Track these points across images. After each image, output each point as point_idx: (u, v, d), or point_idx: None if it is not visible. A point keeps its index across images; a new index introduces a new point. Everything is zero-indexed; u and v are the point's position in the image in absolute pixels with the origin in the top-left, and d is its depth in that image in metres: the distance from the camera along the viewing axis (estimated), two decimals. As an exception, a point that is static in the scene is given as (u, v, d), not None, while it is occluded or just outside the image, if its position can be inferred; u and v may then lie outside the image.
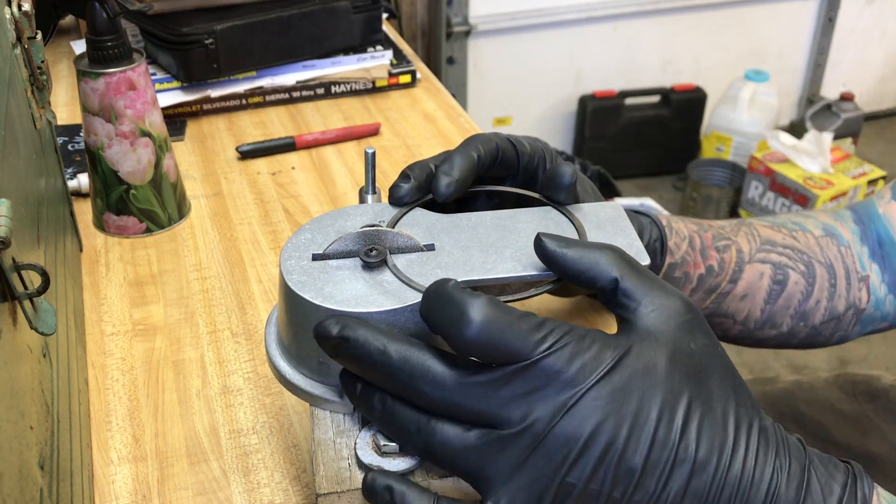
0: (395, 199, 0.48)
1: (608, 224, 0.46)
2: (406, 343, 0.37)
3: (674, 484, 0.35)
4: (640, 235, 0.58)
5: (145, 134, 0.70)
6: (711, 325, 0.66)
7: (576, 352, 0.35)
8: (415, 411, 0.37)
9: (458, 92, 2.30)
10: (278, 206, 0.79)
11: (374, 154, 0.48)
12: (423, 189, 0.48)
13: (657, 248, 0.60)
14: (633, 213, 0.59)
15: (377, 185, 0.49)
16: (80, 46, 1.07)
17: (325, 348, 0.38)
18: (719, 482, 0.35)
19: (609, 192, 2.32)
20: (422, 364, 0.36)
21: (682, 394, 0.36)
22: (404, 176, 0.48)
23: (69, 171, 0.82)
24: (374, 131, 0.92)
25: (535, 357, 0.35)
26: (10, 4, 0.52)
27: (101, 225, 0.74)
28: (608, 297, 0.39)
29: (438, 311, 0.36)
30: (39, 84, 0.57)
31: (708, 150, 2.56)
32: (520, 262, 0.42)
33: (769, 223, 0.68)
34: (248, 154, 0.87)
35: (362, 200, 0.50)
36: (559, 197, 0.47)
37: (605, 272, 0.39)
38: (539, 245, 0.40)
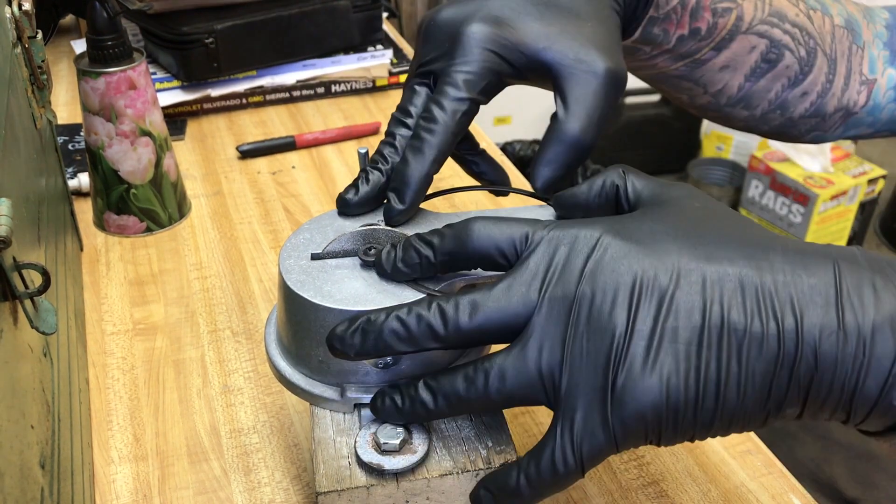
0: (343, 209, 0.46)
1: None
2: (421, 299, 0.38)
3: (712, 300, 0.34)
4: None
5: (146, 133, 0.70)
6: (677, 88, 0.61)
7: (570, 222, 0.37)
8: (455, 373, 0.37)
9: (459, 91, 2.29)
10: (278, 206, 0.79)
11: (366, 154, 0.48)
12: (374, 203, 0.46)
13: None
14: None
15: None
16: (80, 46, 1.07)
17: (347, 347, 0.38)
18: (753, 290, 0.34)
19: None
20: (450, 299, 0.37)
21: (700, 223, 0.36)
22: (354, 186, 0.47)
23: (69, 170, 0.82)
24: (374, 130, 0.92)
25: (538, 239, 0.36)
26: (10, 4, 0.52)
27: (101, 224, 0.74)
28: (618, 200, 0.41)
29: (440, 238, 0.38)
30: (40, 83, 0.57)
31: (708, 149, 2.56)
32: None
33: None
34: (248, 153, 0.87)
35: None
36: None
37: (610, 178, 0.42)
38: (557, 198, 0.43)
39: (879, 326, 0.32)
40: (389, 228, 0.44)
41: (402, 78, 1.02)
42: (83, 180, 0.79)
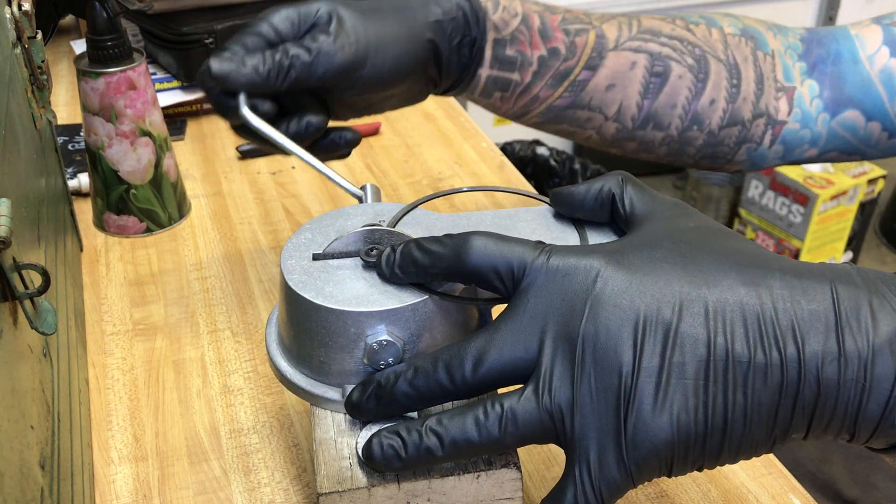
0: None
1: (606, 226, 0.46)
2: (425, 355, 0.38)
3: (719, 325, 0.34)
4: (440, 3, 0.56)
5: (145, 133, 0.70)
6: (577, 122, 0.62)
7: (569, 249, 0.38)
8: (462, 417, 0.36)
9: (458, 91, 2.29)
10: (278, 206, 0.79)
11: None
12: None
13: (460, 14, 0.56)
14: None
15: (370, 183, 0.50)
16: (80, 46, 1.07)
17: (365, 414, 0.39)
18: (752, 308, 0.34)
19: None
20: (453, 352, 0.37)
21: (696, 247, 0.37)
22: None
23: (69, 170, 0.82)
24: (374, 131, 0.92)
25: (539, 262, 0.36)
26: (10, 4, 0.52)
27: (101, 224, 0.74)
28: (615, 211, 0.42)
29: (438, 250, 0.38)
30: (40, 83, 0.57)
31: (708, 150, 2.55)
32: None
33: (664, 17, 0.63)
34: (248, 154, 0.87)
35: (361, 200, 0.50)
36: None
37: (608, 185, 0.42)
38: (554, 194, 0.44)
39: (879, 349, 0.33)
40: (391, 229, 0.44)
41: (402, 78, 1.02)
42: (83, 180, 0.79)
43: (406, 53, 0.55)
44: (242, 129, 0.55)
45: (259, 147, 0.87)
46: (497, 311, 0.39)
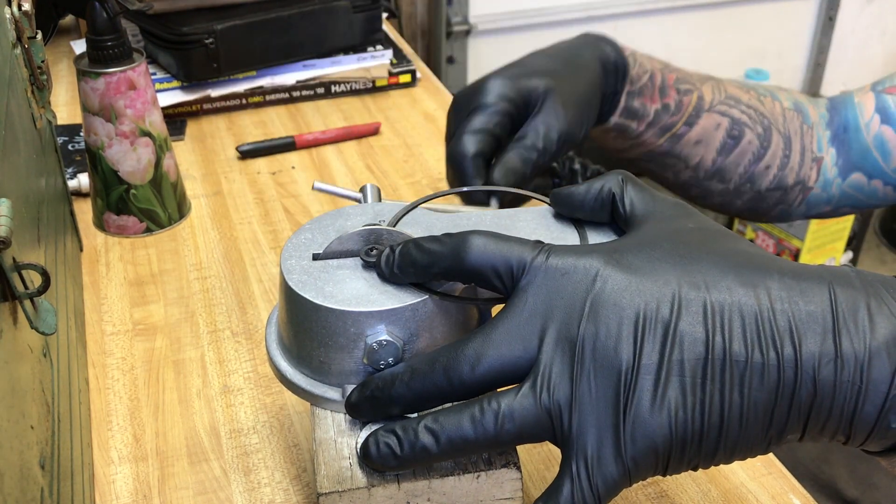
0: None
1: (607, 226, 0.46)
2: (423, 356, 0.38)
3: (715, 325, 0.34)
4: (603, 60, 0.64)
5: (145, 133, 0.70)
6: (664, 166, 0.71)
7: (568, 249, 0.38)
8: (458, 414, 0.36)
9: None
10: (278, 206, 0.79)
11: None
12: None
13: (614, 69, 0.65)
14: (595, 39, 0.65)
15: (370, 183, 0.50)
16: (80, 46, 1.07)
17: (363, 413, 0.39)
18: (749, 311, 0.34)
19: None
20: (450, 353, 0.37)
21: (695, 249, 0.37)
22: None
23: (69, 170, 0.82)
24: (374, 131, 0.92)
25: (538, 262, 0.37)
26: (10, 4, 0.52)
27: (101, 225, 0.74)
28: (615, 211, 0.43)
29: (438, 250, 0.38)
30: (39, 84, 0.57)
31: (708, 150, 2.55)
32: None
33: (741, 84, 0.71)
34: (248, 154, 0.87)
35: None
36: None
37: (608, 184, 0.43)
38: (555, 195, 0.44)
39: (876, 352, 0.33)
40: (391, 228, 0.44)
41: (402, 78, 1.02)
42: (83, 180, 0.79)
43: (594, 108, 0.64)
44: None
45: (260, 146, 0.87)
46: (497, 311, 0.39)
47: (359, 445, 0.39)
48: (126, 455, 0.53)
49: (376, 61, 1.01)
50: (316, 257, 0.43)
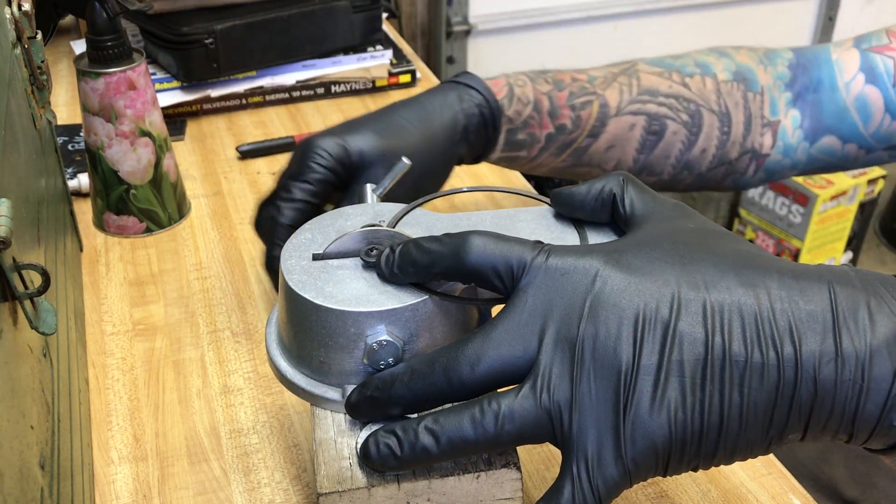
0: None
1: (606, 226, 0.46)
2: (423, 356, 0.38)
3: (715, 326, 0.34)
4: (456, 118, 0.61)
5: (145, 134, 0.70)
6: (577, 175, 0.68)
7: (568, 249, 0.37)
8: (459, 415, 0.36)
9: (458, 91, 2.29)
10: (278, 206, 0.79)
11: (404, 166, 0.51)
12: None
13: (479, 121, 0.62)
14: (458, 89, 0.63)
15: (370, 184, 0.50)
16: (80, 46, 1.07)
17: (363, 414, 0.39)
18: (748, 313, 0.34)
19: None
20: (450, 353, 0.37)
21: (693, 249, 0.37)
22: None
23: (69, 170, 0.82)
24: (374, 131, 0.92)
25: (538, 262, 0.36)
26: (10, 4, 0.52)
27: (101, 225, 0.74)
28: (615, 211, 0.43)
29: (438, 250, 0.38)
30: (39, 84, 0.57)
31: (708, 150, 2.55)
32: None
33: (661, 69, 0.67)
34: (248, 154, 0.87)
35: (362, 200, 0.50)
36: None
37: (609, 185, 0.43)
38: (555, 194, 0.44)
39: (876, 350, 0.33)
40: (391, 229, 0.44)
41: (402, 78, 1.02)
42: (83, 180, 0.79)
43: (444, 170, 0.62)
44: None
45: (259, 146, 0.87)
46: (497, 311, 0.39)
47: (359, 446, 0.39)
48: (126, 455, 0.53)
49: (376, 61, 1.01)
50: (316, 257, 0.43)
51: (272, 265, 0.57)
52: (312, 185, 0.57)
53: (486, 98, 0.63)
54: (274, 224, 0.56)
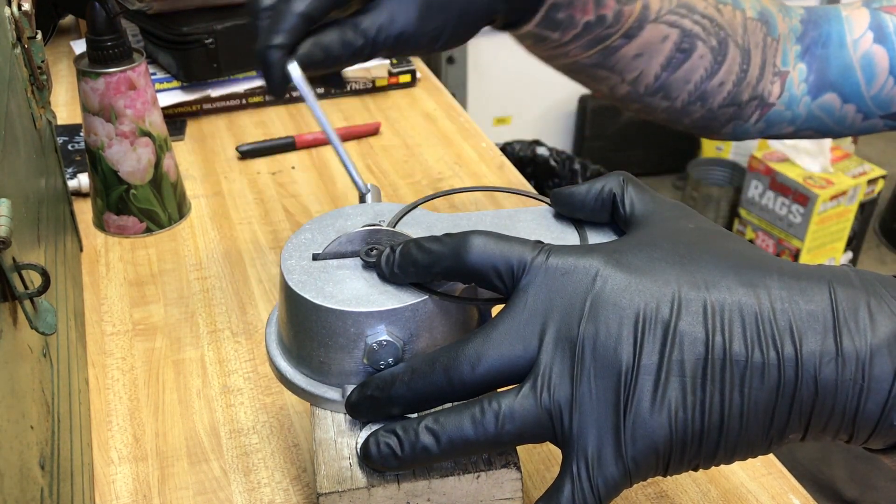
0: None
1: (607, 226, 0.46)
2: (423, 356, 0.38)
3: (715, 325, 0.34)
4: None
5: (145, 134, 0.70)
6: (595, 78, 0.63)
7: (568, 250, 0.37)
8: (459, 414, 0.36)
9: (458, 91, 2.30)
10: (278, 206, 0.79)
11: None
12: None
13: None
14: None
15: (370, 183, 0.50)
16: (80, 46, 1.07)
17: (362, 413, 0.39)
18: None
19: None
20: (450, 353, 0.37)
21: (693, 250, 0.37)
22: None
23: (69, 170, 0.82)
24: (374, 131, 0.92)
25: (538, 262, 0.36)
26: (10, 4, 0.52)
27: (101, 225, 0.74)
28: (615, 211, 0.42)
29: (438, 249, 0.38)
30: (39, 84, 0.57)
31: (708, 150, 2.56)
32: None
33: None
34: (248, 154, 0.87)
35: (362, 200, 0.50)
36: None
37: (609, 185, 0.42)
38: (555, 194, 0.44)
39: (877, 350, 0.33)
40: (391, 229, 0.44)
41: (402, 78, 1.02)
42: (83, 180, 0.79)
43: (475, 22, 0.55)
44: (277, 82, 0.52)
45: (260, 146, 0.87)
46: (497, 311, 0.39)
47: (359, 445, 0.39)
48: (126, 455, 0.53)
49: (376, 61, 1.01)
50: (316, 257, 0.43)
51: (270, 58, 0.50)
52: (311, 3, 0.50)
53: None
54: (283, 12, 0.49)
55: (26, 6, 0.55)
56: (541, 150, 2.25)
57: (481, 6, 0.55)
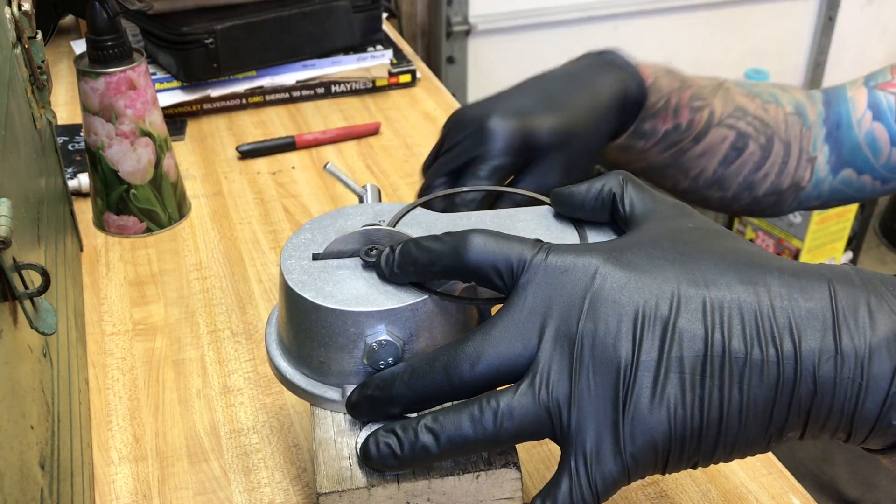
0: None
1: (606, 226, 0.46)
2: (423, 355, 0.38)
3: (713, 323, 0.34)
4: (622, 98, 0.61)
5: (145, 133, 0.70)
6: (663, 176, 0.70)
7: (569, 248, 0.38)
8: (458, 413, 0.36)
9: (459, 91, 2.29)
10: (278, 206, 0.79)
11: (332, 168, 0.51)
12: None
13: (632, 105, 0.62)
14: (617, 69, 0.62)
15: (370, 183, 0.50)
16: (80, 46, 1.07)
17: (362, 413, 0.39)
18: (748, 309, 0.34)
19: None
20: (450, 352, 0.37)
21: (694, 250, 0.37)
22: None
23: (69, 170, 0.82)
24: (374, 131, 0.92)
25: (537, 261, 0.37)
26: (10, 4, 0.52)
27: (101, 225, 0.74)
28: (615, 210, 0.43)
29: (438, 248, 0.38)
30: (40, 84, 0.57)
31: (708, 150, 2.55)
32: None
33: (746, 91, 0.70)
34: (248, 154, 0.87)
35: (361, 200, 0.50)
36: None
37: (609, 184, 0.43)
38: (555, 194, 0.44)
39: (876, 348, 0.33)
40: (391, 228, 0.44)
41: (402, 78, 1.02)
42: (83, 180, 0.79)
43: (600, 151, 0.62)
44: None
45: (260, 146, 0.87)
46: (497, 310, 0.39)
47: (359, 445, 0.39)
48: (126, 455, 0.53)
49: (376, 61, 1.01)
50: (316, 257, 0.43)
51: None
52: (492, 172, 0.53)
53: (637, 82, 0.63)
54: (452, 207, 0.53)
55: (26, 6, 0.55)
56: (541, 150, 2.25)
57: (602, 144, 0.61)
